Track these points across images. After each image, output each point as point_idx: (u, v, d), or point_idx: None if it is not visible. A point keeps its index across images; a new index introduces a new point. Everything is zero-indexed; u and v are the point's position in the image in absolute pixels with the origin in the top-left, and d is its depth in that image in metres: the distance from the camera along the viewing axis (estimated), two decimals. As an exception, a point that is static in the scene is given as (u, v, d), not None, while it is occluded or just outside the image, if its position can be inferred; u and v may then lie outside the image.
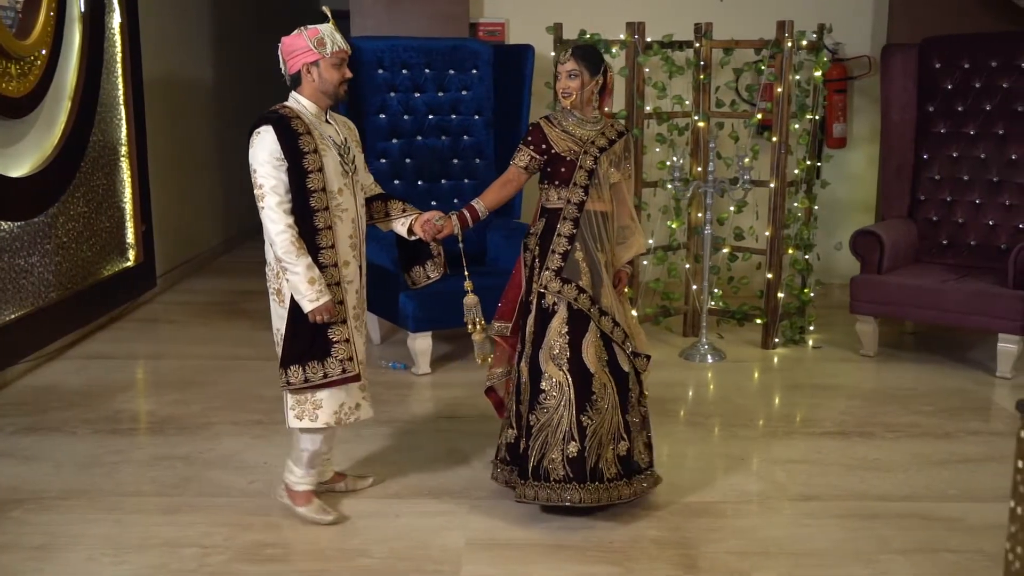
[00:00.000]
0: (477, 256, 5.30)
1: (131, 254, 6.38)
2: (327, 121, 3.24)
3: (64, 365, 5.21)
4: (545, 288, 3.34)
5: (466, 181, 5.69)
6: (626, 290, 3.61)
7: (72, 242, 5.57)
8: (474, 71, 5.65)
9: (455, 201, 5.59)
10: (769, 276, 5.47)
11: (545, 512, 3.40)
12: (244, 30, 9.20)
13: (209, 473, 3.80)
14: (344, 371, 3.20)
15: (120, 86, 6.22)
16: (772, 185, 5.38)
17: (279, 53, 3.20)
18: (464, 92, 5.65)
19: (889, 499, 3.59)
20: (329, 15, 3.25)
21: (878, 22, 6.65)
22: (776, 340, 5.54)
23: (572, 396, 3.27)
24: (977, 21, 6.28)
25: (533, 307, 3.38)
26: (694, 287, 5.68)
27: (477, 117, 5.67)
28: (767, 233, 5.45)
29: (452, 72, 5.62)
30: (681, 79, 5.60)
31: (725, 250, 5.73)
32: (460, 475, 3.78)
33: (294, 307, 3.15)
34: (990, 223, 5.48)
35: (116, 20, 6.11)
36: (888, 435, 4.22)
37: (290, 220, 3.08)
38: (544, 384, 3.30)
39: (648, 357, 3.49)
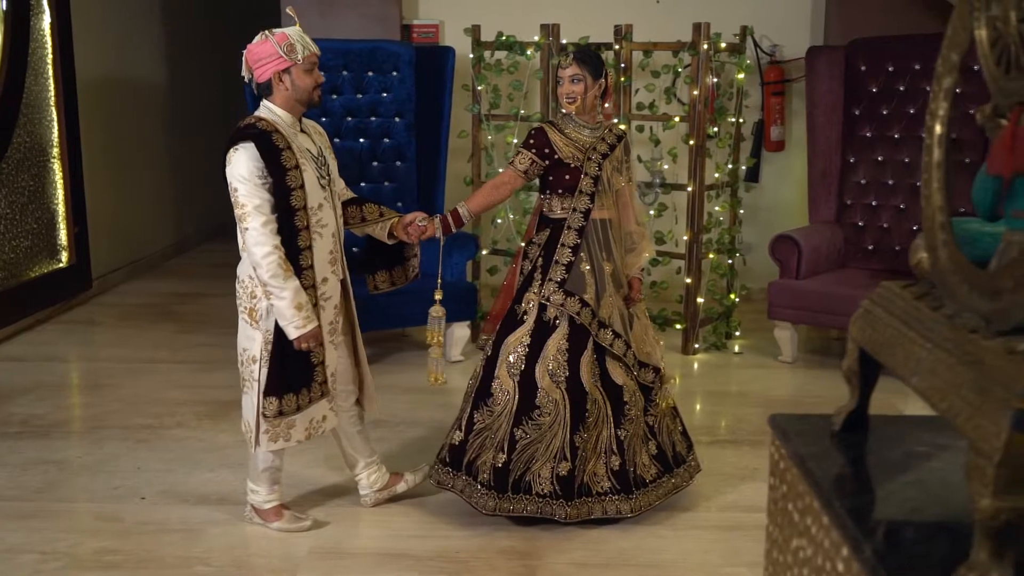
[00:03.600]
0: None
1: (63, 256, 6.37)
2: (302, 130, 3.14)
3: (-25, 367, 5.21)
4: (548, 301, 3.25)
5: (386, 184, 5.64)
6: (642, 298, 3.52)
7: (-9, 244, 5.57)
8: (395, 73, 5.59)
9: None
10: (688, 281, 5.41)
11: (514, 523, 3.30)
12: (197, 29, 9.15)
13: (78, 478, 3.77)
14: (322, 393, 3.12)
15: (51, 87, 6.21)
16: (690, 189, 5.31)
17: (244, 61, 3.08)
18: (384, 94, 5.59)
19: (757, 510, 3.48)
20: (295, 17, 3.16)
21: (816, 24, 6.56)
22: (697, 346, 5.48)
23: (568, 416, 3.19)
24: (916, 22, 6.16)
25: (531, 319, 3.28)
26: (615, 291, 5.61)
27: (398, 119, 5.62)
28: (685, 237, 5.38)
29: (371, 74, 5.57)
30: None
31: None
32: (328, 480, 3.74)
33: (280, 333, 3.02)
34: (914, 228, 5.39)
35: (46, 20, 6.10)
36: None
37: (276, 241, 2.96)
38: (540, 399, 3.20)
39: (657, 371, 3.38)
